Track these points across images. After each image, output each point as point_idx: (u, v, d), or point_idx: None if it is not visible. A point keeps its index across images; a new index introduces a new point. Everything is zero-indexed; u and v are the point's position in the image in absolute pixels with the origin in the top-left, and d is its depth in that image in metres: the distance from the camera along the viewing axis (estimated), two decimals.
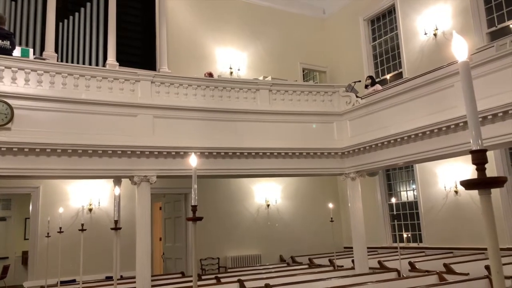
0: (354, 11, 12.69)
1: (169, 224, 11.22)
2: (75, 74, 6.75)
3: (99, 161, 6.60)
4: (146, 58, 9.97)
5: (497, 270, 1.23)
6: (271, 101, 8.13)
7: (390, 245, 11.07)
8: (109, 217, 9.32)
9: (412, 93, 7.00)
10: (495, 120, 5.59)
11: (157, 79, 7.39)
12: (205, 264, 10.40)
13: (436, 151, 6.60)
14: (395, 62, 11.64)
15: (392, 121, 7.27)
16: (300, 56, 13.00)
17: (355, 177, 8.21)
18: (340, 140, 8.25)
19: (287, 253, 11.23)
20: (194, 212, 2.83)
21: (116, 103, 6.88)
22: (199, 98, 7.58)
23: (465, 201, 9.32)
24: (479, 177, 1.24)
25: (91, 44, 9.39)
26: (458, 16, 9.79)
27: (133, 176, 6.90)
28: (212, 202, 10.52)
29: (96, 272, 8.82)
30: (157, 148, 6.95)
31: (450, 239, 9.58)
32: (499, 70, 5.64)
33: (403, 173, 11.32)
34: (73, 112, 6.56)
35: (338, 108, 8.43)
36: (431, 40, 10.36)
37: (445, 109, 6.30)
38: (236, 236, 11.01)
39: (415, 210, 10.79)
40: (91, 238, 8.74)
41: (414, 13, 10.83)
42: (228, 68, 11.80)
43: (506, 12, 9.06)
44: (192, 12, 11.69)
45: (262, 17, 12.62)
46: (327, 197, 11.76)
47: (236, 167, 7.57)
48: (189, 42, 11.39)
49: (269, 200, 11.61)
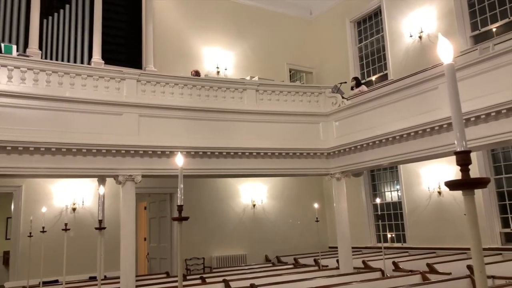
0: (340, 12, 12.77)
1: (154, 224, 11.15)
2: (59, 71, 6.66)
3: (83, 160, 6.52)
4: (132, 57, 9.88)
5: (480, 270, 1.25)
6: (258, 101, 8.13)
7: (375, 245, 11.17)
8: (93, 216, 9.21)
9: (397, 95, 7.08)
10: (478, 122, 5.68)
11: (143, 77, 7.34)
12: (190, 264, 10.36)
13: (420, 152, 6.68)
14: (381, 64, 11.75)
15: (377, 122, 7.34)
16: (287, 56, 13.04)
17: (340, 177, 8.27)
18: (326, 140, 8.30)
19: (273, 253, 11.25)
20: (180, 212, 2.82)
21: (101, 102, 6.81)
22: (185, 97, 7.55)
23: (448, 202, 9.45)
24: (464, 178, 1.26)
25: (76, 41, 9.27)
26: (443, 19, 9.92)
27: (117, 176, 6.83)
28: (197, 202, 10.49)
29: (80, 272, 8.71)
30: (142, 147, 6.90)
31: (433, 239, 9.71)
32: (482, 73, 5.73)
33: (388, 173, 11.44)
34: (57, 110, 6.47)
35: (324, 108, 8.48)
36: (416, 42, 10.48)
37: (430, 110, 6.38)
38: (221, 236, 10.99)
39: (399, 210, 10.90)
40: (75, 238, 8.64)
41: (400, 16, 10.95)
42: (215, 68, 11.77)
43: (489, 16, 9.22)
44: (179, 10, 11.63)
45: (249, 17, 12.62)
46: (312, 197, 11.81)
47: (222, 167, 7.56)
48: (176, 40, 11.32)
49: (255, 200, 11.62)
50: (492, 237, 8.63)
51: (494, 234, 8.66)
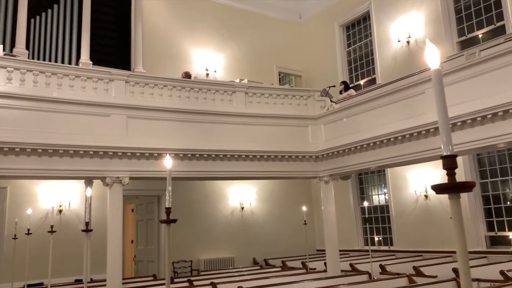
0: (329, 16, 12.85)
1: (141, 227, 11.07)
2: (47, 72, 6.59)
3: (70, 161, 6.46)
4: (120, 58, 9.82)
5: (465, 272, 1.27)
6: (247, 104, 8.14)
7: (362, 248, 11.23)
8: (80, 218, 9.12)
9: (384, 99, 7.15)
10: (464, 127, 5.76)
11: (131, 78, 7.30)
12: (177, 267, 10.30)
13: (407, 156, 6.75)
14: (369, 68, 11.84)
15: (365, 126, 7.40)
16: (276, 59, 13.07)
17: (328, 180, 8.31)
18: (315, 143, 8.34)
19: (261, 256, 11.24)
20: (168, 214, 2.80)
21: (89, 103, 6.75)
22: (174, 99, 7.52)
23: (434, 205, 9.55)
24: (450, 181, 1.28)
25: (64, 42, 9.19)
26: (430, 25, 10.05)
27: (105, 177, 6.78)
28: (185, 204, 10.43)
29: (65, 275, 8.60)
30: (130, 149, 6.85)
31: (420, 242, 9.80)
32: (468, 78, 5.82)
33: (375, 177, 11.52)
34: (44, 111, 6.40)
35: (313, 112, 8.52)
36: (404, 47, 10.59)
37: (416, 115, 6.46)
38: (209, 239, 10.95)
39: (386, 213, 10.98)
40: (61, 240, 8.52)
41: (388, 21, 11.06)
42: (204, 70, 11.75)
43: (476, 23, 9.36)
44: (169, 12, 11.60)
45: (239, 20, 12.63)
46: (300, 200, 11.83)
47: (211, 169, 7.55)
48: (165, 42, 11.28)
49: (244, 202, 11.61)
50: (477, 240, 8.74)
51: (479, 238, 8.77)
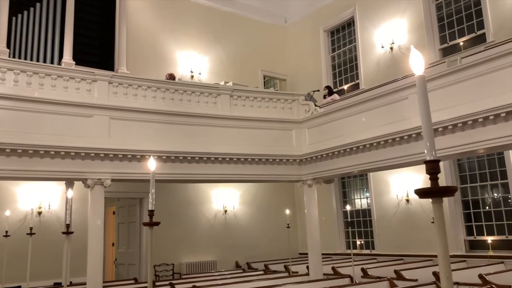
0: (315, 21, 12.94)
1: (122, 229, 10.94)
2: (28, 71, 6.48)
3: (51, 162, 6.35)
4: (104, 58, 9.70)
5: (447, 276, 1.28)
6: (232, 107, 8.13)
7: (344, 251, 11.30)
8: (60, 220, 8.96)
9: (368, 104, 7.23)
10: (445, 133, 5.85)
11: (115, 79, 7.22)
12: (159, 270, 10.20)
13: (390, 160, 6.83)
14: (353, 73, 11.96)
15: (349, 130, 7.46)
16: (261, 63, 13.09)
17: (312, 184, 8.34)
18: (299, 147, 8.37)
19: (243, 259, 11.22)
20: (151, 217, 2.78)
21: (71, 103, 6.66)
22: (158, 100, 7.47)
23: (415, 209, 9.67)
24: (433, 186, 1.29)
25: (46, 41, 9.04)
26: (413, 32, 10.20)
27: (86, 179, 6.69)
28: (167, 207, 10.34)
29: (44, 278, 8.44)
30: (112, 151, 6.77)
31: (401, 246, 9.90)
32: (449, 85, 5.93)
33: (358, 181, 11.62)
34: (24, 111, 6.28)
35: (297, 116, 8.56)
36: (388, 53, 10.73)
37: (399, 120, 6.54)
38: (192, 242, 10.88)
39: (368, 217, 11.08)
40: (40, 242, 8.35)
41: (372, 27, 11.19)
42: (189, 72, 11.70)
43: (457, 30, 9.54)
44: (154, 13, 11.53)
45: (224, 22, 12.62)
46: (284, 204, 11.84)
47: (194, 172, 7.51)
48: (150, 43, 11.20)
49: (227, 205, 11.57)
50: (457, 244, 8.89)
51: (459, 242, 8.92)
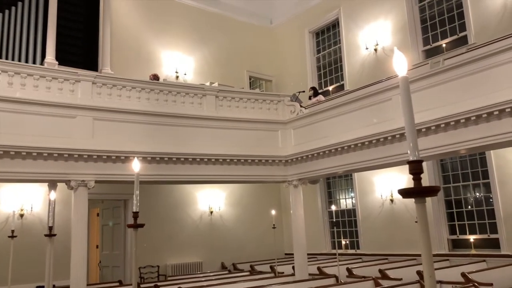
0: (300, 23, 12.99)
1: (106, 231, 10.82)
2: (9, 71, 6.37)
3: (33, 163, 6.25)
4: (87, 58, 9.60)
5: (430, 274, 1.30)
6: (218, 107, 8.11)
7: (329, 251, 11.37)
8: (42, 223, 8.82)
9: (352, 105, 7.29)
10: (428, 133, 5.93)
11: (98, 80, 7.15)
12: (144, 272, 10.11)
13: (374, 160, 6.89)
14: (338, 75, 12.04)
15: (333, 131, 7.51)
16: (247, 64, 13.09)
17: (297, 184, 8.37)
18: (284, 148, 8.39)
19: (229, 260, 11.19)
20: (136, 219, 2.76)
21: (53, 104, 6.57)
22: (143, 101, 7.41)
23: (399, 209, 9.78)
24: (416, 186, 1.31)
25: (28, 40, 8.90)
26: (397, 34, 10.32)
27: (69, 181, 6.60)
28: (152, 208, 10.27)
29: (27, 282, 8.29)
30: (96, 152, 6.70)
31: (385, 245, 10.00)
32: (432, 86, 6.01)
33: (343, 181, 11.70)
34: (6, 112, 6.17)
35: (283, 116, 8.58)
36: (372, 54, 10.83)
37: (383, 121, 6.61)
38: (177, 244, 10.82)
39: (353, 217, 11.16)
40: (22, 245, 8.22)
41: (356, 28, 11.29)
42: (174, 72, 11.63)
43: (440, 32, 9.68)
44: (138, 13, 11.43)
45: (210, 23, 12.58)
46: (270, 204, 11.85)
47: (179, 173, 7.47)
48: (134, 43, 11.11)
49: (213, 207, 11.54)
50: (440, 243, 9.01)
51: (442, 241, 9.04)
